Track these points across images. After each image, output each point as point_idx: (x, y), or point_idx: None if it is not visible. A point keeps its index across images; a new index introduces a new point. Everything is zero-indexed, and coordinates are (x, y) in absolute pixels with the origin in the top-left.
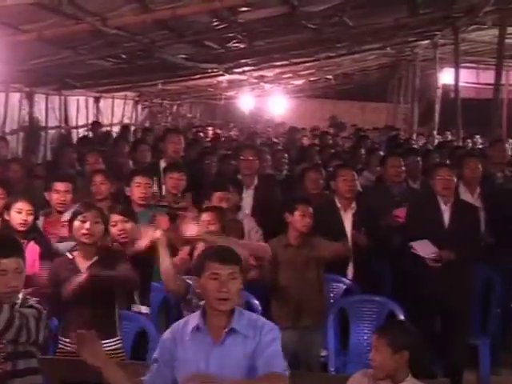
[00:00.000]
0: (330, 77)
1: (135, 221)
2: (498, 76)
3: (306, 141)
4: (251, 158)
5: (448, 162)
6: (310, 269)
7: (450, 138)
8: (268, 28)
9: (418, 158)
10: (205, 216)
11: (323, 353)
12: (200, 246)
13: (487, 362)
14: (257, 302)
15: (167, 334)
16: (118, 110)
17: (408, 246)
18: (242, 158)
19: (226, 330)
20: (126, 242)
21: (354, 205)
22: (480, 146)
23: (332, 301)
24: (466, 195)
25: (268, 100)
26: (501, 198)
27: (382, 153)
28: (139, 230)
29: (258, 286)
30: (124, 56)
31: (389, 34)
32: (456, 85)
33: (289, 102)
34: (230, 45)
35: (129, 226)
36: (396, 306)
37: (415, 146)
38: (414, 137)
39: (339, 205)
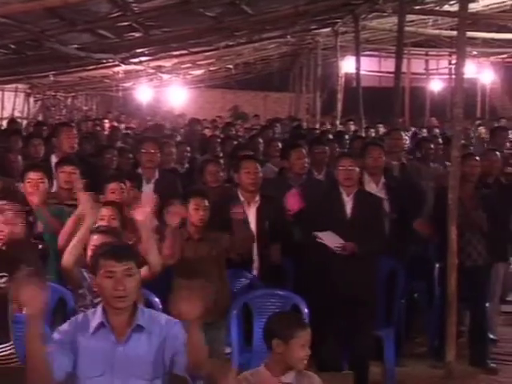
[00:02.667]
0: (230, 66)
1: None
2: (399, 64)
3: (207, 132)
4: (152, 150)
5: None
6: (211, 264)
7: (353, 127)
8: (164, 16)
9: (326, 148)
10: (105, 211)
11: (227, 349)
12: (93, 241)
13: (392, 353)
14: (157, 299)
15: (65, 326)
16: (9, 104)
17: (312, 236)
18: (143, 150)
19: (132, 327)
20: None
21: (257, 198)
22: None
23: (236, 296)
24: (370, 185)
25: (167, 91)
26: (401, 189)
27: (281, 144)
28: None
29: (157, 282)
30: (13, 46)
31: (289, 21)
32: (357, 73)
33: (189, 93)
34: (125, 34)
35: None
36: (300, 300)
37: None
38: (318, 126)
39: (242, 198)
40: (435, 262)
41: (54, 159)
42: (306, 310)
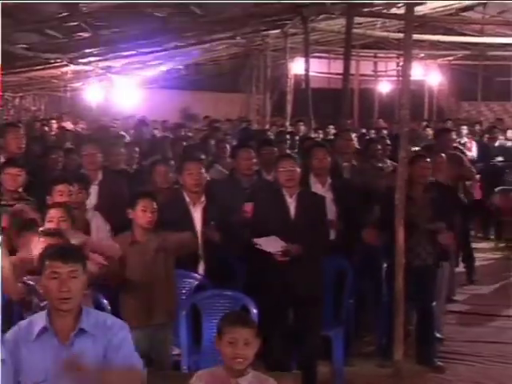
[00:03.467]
0: (180, 67)
1: None
2: (347, 66)
3: (157, 133)
4: (93, 152)
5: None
6: (158, 265)
7: (303, 128)
8: (113, 17)
9: (275, 149)
10: (53, 212)
11: (176, 351)
12: (40, 244)
13: (340, 353)
14: (105, 301)
15: (9, 335)
16: None
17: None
18: (84, 152)
19: (75, 331)
20: None
21: (203, 199)
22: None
23: (184, 297)
24: (316, 186)
25: (117, 91)
26: (347, 189)
27: (230, 144)
28: None
29: (106, 285)
30: None
31: (238, 23)
32: (307, 74)
33: (139, 94)
34: (73, 34)
35: None
36: (248, 300)
37: (270, 137)
38: (268, 127)
39: (188, 199)
40: (383, 262)
41: (1, 160)
42: (254, 311)
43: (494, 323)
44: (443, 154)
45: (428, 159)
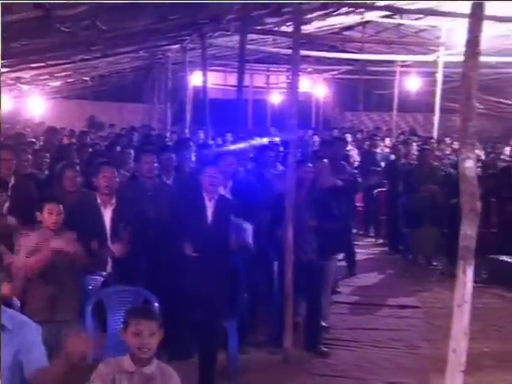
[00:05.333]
0: (86, 78)
1: None
2: (241, 78)
3: (65, 140)
4: (8, 157)
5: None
6: (63, 262)
7: (202, 136)
8: (23, 31)
9: (172, 155)
10: None
11: None
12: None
13: (235, 342)
14: (16, 300)
15: None
16: None
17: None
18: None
19: None
20: None
21: (113, 201)
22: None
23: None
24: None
25: (27, 101)
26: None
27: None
28: None
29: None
30: None
31: (141, 38)
32: (204, 86)
33: (48, 103)
34: None
35: None
36: (150, 295)
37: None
38: (168, 135)
39: (99, 200)
40: (274, 259)
41: None
42: (156, 304)
43: (372, 312)
44: (325, 160)
45: (310, 164)
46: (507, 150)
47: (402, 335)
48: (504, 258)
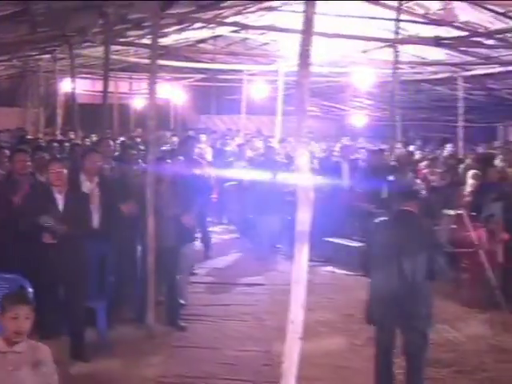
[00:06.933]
0: None
1: None
2: (106, 85)
3: None
4: None
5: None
6: None
7: (72, 137)
8: None
9: (45, 154)
10: None
11: None
12: None
13: (103, 320)
14: None
15: None
16: None
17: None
18: None
19: None
20: None
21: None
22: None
23: None
24: (85, 183)
25: None
26: (110, 186)
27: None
28: None
29: None
30: None
31: (14, 48)
32: (73, 92)
33: None
34: None
35: None
36: (24, 281)
37: (43, 144)
38: (41, 136)
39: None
40: (138, 245)
41: None
42: (30, 290)
43: (224, 290)
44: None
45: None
46: (338, 146)
47: (250, 309)
48: (337, 240)
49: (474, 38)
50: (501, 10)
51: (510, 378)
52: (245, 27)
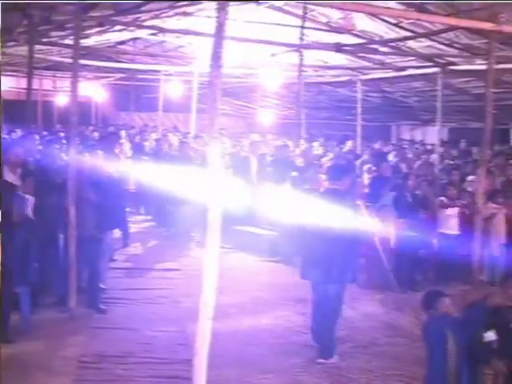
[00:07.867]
0: None
1: None
2: (30, 83)
3: None
4: None
5: None
6: None
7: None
8: None
9: None
10: None
11: None
12: None
13: (27, 305)
14: None
15: None
16: None
17: None
18: None
19: None
20: None
21: None
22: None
23: None
24: (9, 175)
25: None
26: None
27: None
28: None
29: None
30: None
31: None
32: None
33: None
34: None
35: None
36: None
37: None
38: None
39: None
40: (60, 233)
41: None
42: None
43: (143, 275)
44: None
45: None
46: (246, 142)
47: (167, 293)
48: (247, 229)
49: (371, 46)
50: (394, 21)
51: (400, 351)
52: (162, 30)
